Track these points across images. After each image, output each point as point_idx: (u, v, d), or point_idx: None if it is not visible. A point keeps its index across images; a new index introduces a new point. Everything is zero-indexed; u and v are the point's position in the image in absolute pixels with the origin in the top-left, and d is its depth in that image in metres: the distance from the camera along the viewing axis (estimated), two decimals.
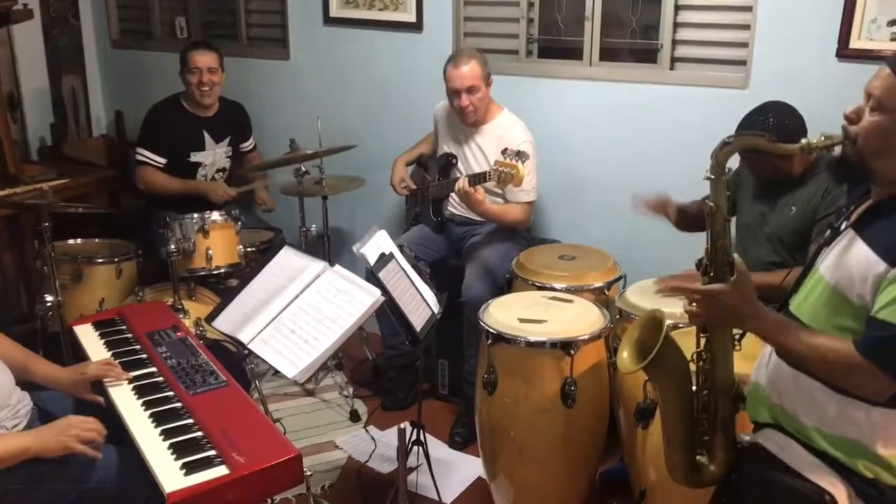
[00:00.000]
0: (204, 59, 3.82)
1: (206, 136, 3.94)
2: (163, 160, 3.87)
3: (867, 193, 1.71)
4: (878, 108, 1.58)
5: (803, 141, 1.63)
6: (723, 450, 1.83)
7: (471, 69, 3.29)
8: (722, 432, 1.82)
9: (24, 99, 4.49)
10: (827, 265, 1.68)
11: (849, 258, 1.62)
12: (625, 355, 1.86)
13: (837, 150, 1.65)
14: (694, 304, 1.71)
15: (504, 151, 3.23)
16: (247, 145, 4.22)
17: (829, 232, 1.76)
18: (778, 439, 1.73)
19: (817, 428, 1.66)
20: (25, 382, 2.23)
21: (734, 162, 2.82)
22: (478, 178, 3.20)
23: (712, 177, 1.70)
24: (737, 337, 1.81)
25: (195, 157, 3.93)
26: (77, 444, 1.94)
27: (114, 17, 4.87)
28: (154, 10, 4.74)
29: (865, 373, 1.54)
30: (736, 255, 1.71)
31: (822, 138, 1.62)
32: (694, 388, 1.84)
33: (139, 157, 3.88)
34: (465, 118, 3.40)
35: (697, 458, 1.86)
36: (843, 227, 1.71)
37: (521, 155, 3.16)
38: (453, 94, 3.34)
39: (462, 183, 3.22)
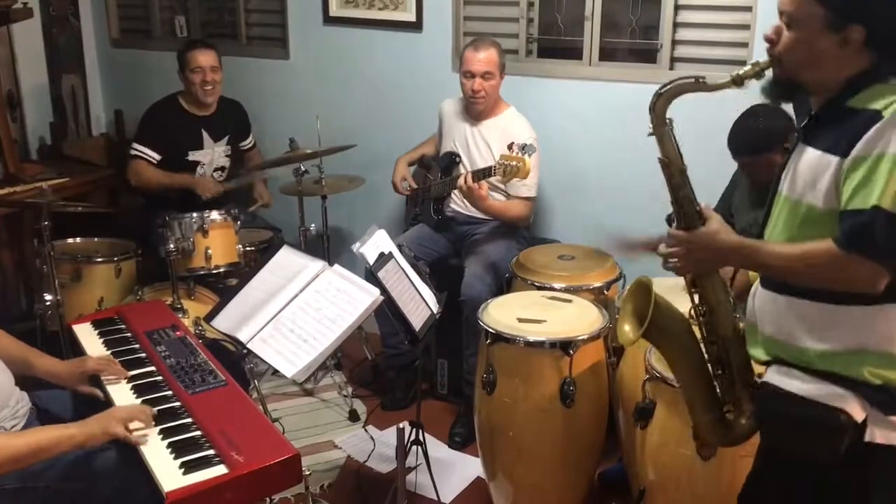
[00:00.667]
0: (206, 58, 3.82)
1: (205, 134, 3.94)
2: (157, 156, 3.87)
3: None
4: (792, 22, 1.61)
5: (733, 73, 1.67)
6: (748, 400, 1.81)
7: (489, 55, 3.34)
8: (741, 382, 1.81)
9: (23, 98, 4.48)
10: (787, 184, 1.70)
11: (802, 167, 1.64)
12: (626, 328, 1.86)
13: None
14: (672, 258, 1.73)
15: (510, 146, 3.25)
16: (246, 143, 4.22)
17: (785, 156, 1.77)
18: (782, 372, 1.70)
19: (815, 348, 1.64)
20: (24, 382, 2.23)
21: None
22: (482, 173, 3.20)
23: (655, 131, 1.76)
24: (728, 283, 1.81)
25: (193, 155, 3.93)
26: (120, 429, 1.94)
27: (113, 17, 4.86)
28: (154, 9, 4.73)
29: (852, 265, 1.52)
30: (704, 204, 1.74)
31: (750, 66, 1.67)
32: (702, 345, 1.84)
33: (133, 152, 3.89)
34: (474, 104, 3.42)
35: (726, 414, 1.84)
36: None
37: (526, 148, 3.17)
38: (468, 76, 3.37)
39: (466, 178, 3.22)
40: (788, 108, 2.65)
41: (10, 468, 1.83)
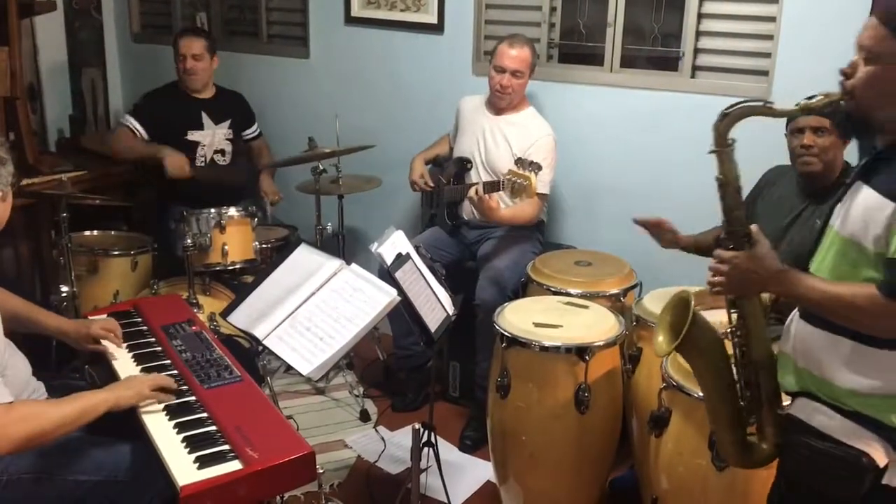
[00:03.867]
0: (188, 45, 3.87)
1: (205, 116, 3.95)
2: (144, 133, 3.90)
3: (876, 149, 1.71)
4: (871, 58, 1.59)
5: (801, 102, 1.64)
6: (772, 425, 1.81)
7: (523, 54, 3.37)
8: (769, 408, 1.81)
9: (44, 90, 4.52)
10: (840, 220, 1.68)
11: (857, 206, 1.62)
12: (660, 339, 1.87)
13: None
14: (715, 276, 1.73)
15: (518, 161, 3.25)
16: (250, 132, 4.20)
17: (840, 189, 1.75)
18: (809, 406, 1.70)
19: (847, 387, 1.63)
20: (40, 371, 2.24)
21: (754, 161, 2.79)
22: (490, 186, 3.21)
23: (717, 150, 1.74)
24: (767, 308, 1.81)
25: (193, 135, 3.92)
26: (150, 392, 2.03)
27: (135, 11, 4.89)
28: (176, 4, 4.76)
29: (892, 314, 1.52)
30: (754, 226, 1.73)
31: (821, 97, 1.64)
32: (733, 366, 1.84)
33: (122, 122, 3.93)
34: (500, 99, 3.45)
35: (748, 437, 1.84)
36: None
37: (533, 165, 3.17)
38: (499, 70, 3.39)
39: (478, 190, 3.23)
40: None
41: (57, 433, 1.87)
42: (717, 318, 1.92)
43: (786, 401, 1.82)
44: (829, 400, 1.67)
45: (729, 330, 1.83)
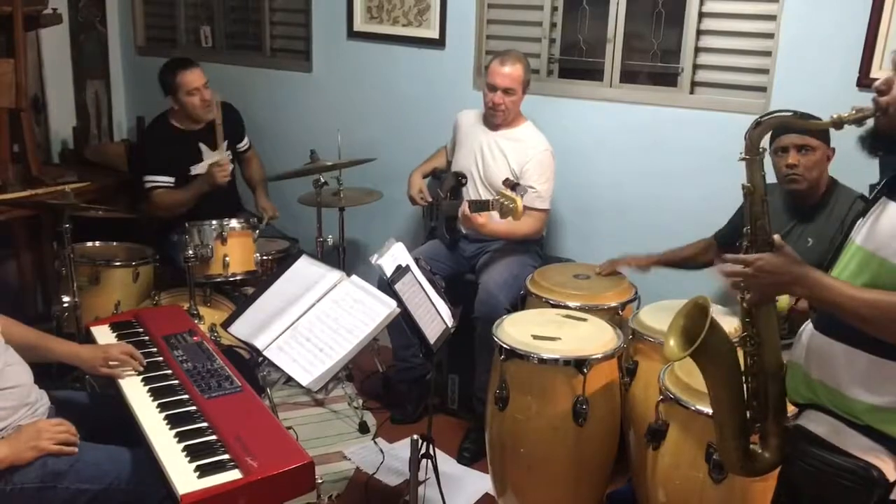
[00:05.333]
0: (196, 76, 3.77)
1: (202, 146, 3.90)
2: (171, 179, 3.82)
3: None
4: None
5: (833, 115, 1.63)
6: (776, 436, 1.81)
7: (515, 71, 3.37)
8: (773, 417, 1.81)
9: (48, 102, 4.54)
10: (863, 235, 1.68)
11: (883, 223, 1.62)
12: (671, 343, 1.85)
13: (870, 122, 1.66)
14: (738, 278, 1.73)
15: (507, 182, 3.27)
16: (242, 145, 4.17)
17: (863, 205, 1.76)
18: (818, 418, 1.70)
19: (862, 400, 1.63)
20: (42, 380, 2.25)
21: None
22: (480, 206, 3.23)
23: (747, 157, 1.74)
24: (783, 320, 1.80)
25: (195, 169, 3.87)
26: (52, 446, 2.00)
27: (140, 24, 4.93)
28: (180, 18, 4.80)
29: None
30: (776, 235, 1.73)
31: (854, 111, 1.63)
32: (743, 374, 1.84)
33: (149, 184, 3.80)
34: (494, 116, 3.46)
35: (751, 445, 1.84)
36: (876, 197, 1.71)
37: (520, 188, 3.19)
38: (491, 89, 3.40)
39: (463, 208, 3.25)
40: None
41: None
42: (730, 325, 1.90)
43: (790, 411, 1.83)
44: (841, 413, 1.67)
45: (741, 338, 1.83)
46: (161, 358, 2.41)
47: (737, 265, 1.72)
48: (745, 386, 1.84)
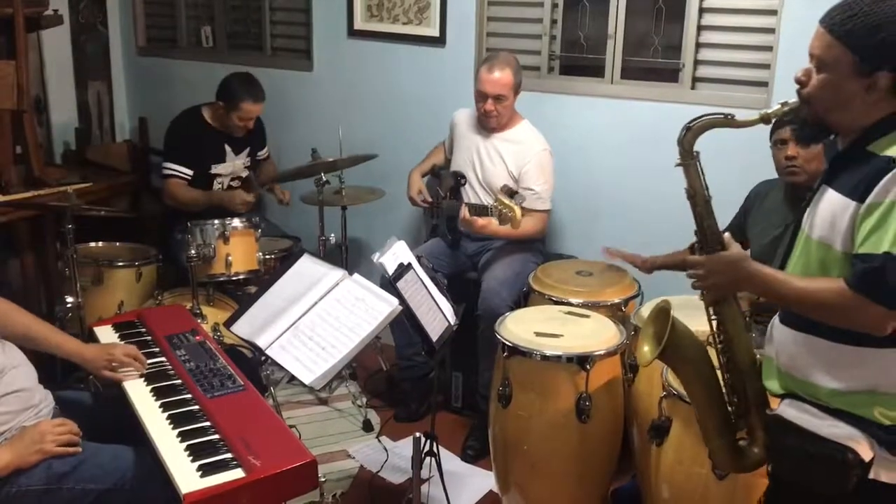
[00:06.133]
0: (257, 110, 3.87)
1: (228, 148, 3.97)
2: (190, 172, 3.89)
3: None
4: (821, 66, 1.64)
5: (762, 111, 1.71)
6: (762, 429, 1.83)
7: (503, 77, 3.34)
8: (756, 412, 1.83)
9: (50, 103, 4.55)
10: (808, 223, 1.72)
11: (823, 209, 1.66)
12: (645, 349, 1.89)
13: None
14: (694, 279, 1.79)
15: (503, 188, 3.27)
16: (263, 153, 4.25)
17: (808, 194, 1.79)
18: (794, 406, 1.73)
19: (828, 386, 1.66)
20: (46, 380, 2.26)
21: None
22: (479, 210, 3.23)
23: (683, 163, 1.81)
24: (747, 316, 1.84)
25: (216, 168, 3.96)
26: (56, 448, 2.00)
27: (141, 25, 4.93)
28: (180, 18, 4.80)
29: (861, 307, 1.56)
30: (727, 234, 1.79)
31: (780, 105, 1.71)
32: (718, 371, 1.87)
33: (167, 171, 3.88)
34: (486, 123, 3.45)
35: (739, 442, 1.86)
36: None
37: (518, 196, 3.19)
38: (480, 97, 3.38)
39: (463, 213, 3.25)
40: None
41: None
42: (700, 326, 1.93)
43: (774, 403, 1.84)
44: (813, 399, 1.70)
45: (711, 336, 1.86)
46: (164, 358, 2.42)
47: (692, 267, 1.78)
48: (722, 383, 1.86)
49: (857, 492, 1.62)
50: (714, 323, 1.85)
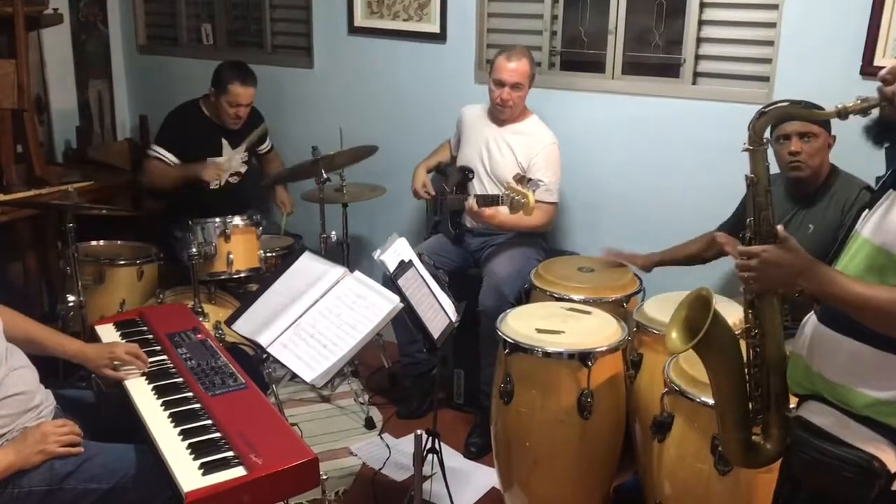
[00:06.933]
0: (247, 94, 3.84)
1: (224, 142, 3.97)
2: (175, 160, 3.89)
3: None
4: None
5: (838, 105, 1.61)
6: (777, 427, 1.80)
7: (521, 66, 3.37)
8: (775, 409, 1.80)
9: (51, 102, 4.55)
10: (870, 227, 1.66)
11: (891, 216, 1.60)
12: (673, 335, 1.84)
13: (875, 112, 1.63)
14: (744, 271, 1.71)
15: (516, 177, 3.26)
16: (264, 147, 4.24)
17: (870, 196, 1.74)
18: (819, 410, 1.70)
19: (864, 393, 1.62)
20: (48, 379, 2.26)
21: None
22: (489, 200, 3.23)
23: (751, 147, 1.72)
24: (786, 313, 1.80)
25: (212, 161, 3.95)
26: (58, 449, 2.00)
27: (141, 23, 4.93)
28: (181, 16, 4.80)
29: None
30: (780, 226, 1.71)
31: (859, 101, 1.61)
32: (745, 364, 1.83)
33: (151, 153, 3.91)
34: (501, 112, 3.46)
35: (753, 437, 1.84)
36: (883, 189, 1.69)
37: (532, 183, 3.18)
38: (498, 84, 3.40)
39: (470, 203, 3.25)
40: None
41: None
42: (733, 317, 1.89)
43: (792, 403, 1.82)
44: (841, 404, 1.66)
45: (744, 329, 1.81)
46: (165, 356, 2.42)
47: (744, 257, 1.71)
48: (747, 377, 1.83)
49: (876, 502, 1.59)
50: (751, 316, 1.79)
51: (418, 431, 2.42)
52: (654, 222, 3.53)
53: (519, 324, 2.72)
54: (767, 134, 1.75)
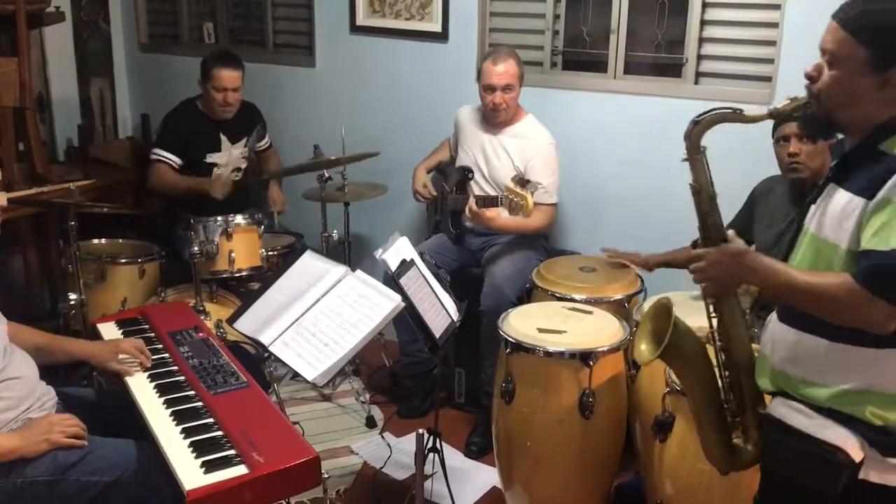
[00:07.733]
0: (231, 77, 3.81)
1: (223, 137, 3.96)
2: (179, 161, 3.89)
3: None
4: (833, 61, 1.61)
5: (770, 107, 1.68)
6: (756, 427, 1.82)
7: (509, 68, 3.35)
8: (751, 410, 1.82)
9: (52, 100, 4.55)
10: (815, 222, 1.70)
11: (832, 209, 1.64)
12: (642, 347, 1.88)
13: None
14: (695, 274, 1.76)
15: (516, 179, 3.26)
16: (262, 144, 4.23)
17: (814, 191, 1.77)
18: (783, 405, 1.72)
19: (822, 385, 1.65)
20: (49, 377, 2.26)
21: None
22: (488, 201, 3.23)
23: (689, 158, 1.78)
24: (748, 312, 1.83)
25: (211, 157, 3.95)
26: (63, 439, 2.02)
27: (143, 22, 4.93)
28: (182, 15, 4.80)
29: (866, 303, 1.53)
30: (731, 231, 1.76)
31: (788, 101, 1.68)
32: (716, 370, 1.86)
33: (154, 156, 3.89)
34: (495, 116, 3.44)
35: (734, 439, 1.85)
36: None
37: (530, 185, 3.18)
38: (489, 90, 3.38)
39: (470, 204, 3.24)
40: None
41: None
42: (698, 322, 1.92)
43: (768, 401, 1.83)
44: (803, 398, 1.69)
45: (709, 333, 1.85)
46: (167, 354, 2.42)
47: (694, 260, 1.76)
48: (720, 381, 1.85)
49: (846, 492, 1.61)
50: (713, 320, 1.84)
51: (419, 430, 2.42)
52: (655, 222, 3.53)
53: (520, 323, 2.72)
54: (705, 143, 1.80)
